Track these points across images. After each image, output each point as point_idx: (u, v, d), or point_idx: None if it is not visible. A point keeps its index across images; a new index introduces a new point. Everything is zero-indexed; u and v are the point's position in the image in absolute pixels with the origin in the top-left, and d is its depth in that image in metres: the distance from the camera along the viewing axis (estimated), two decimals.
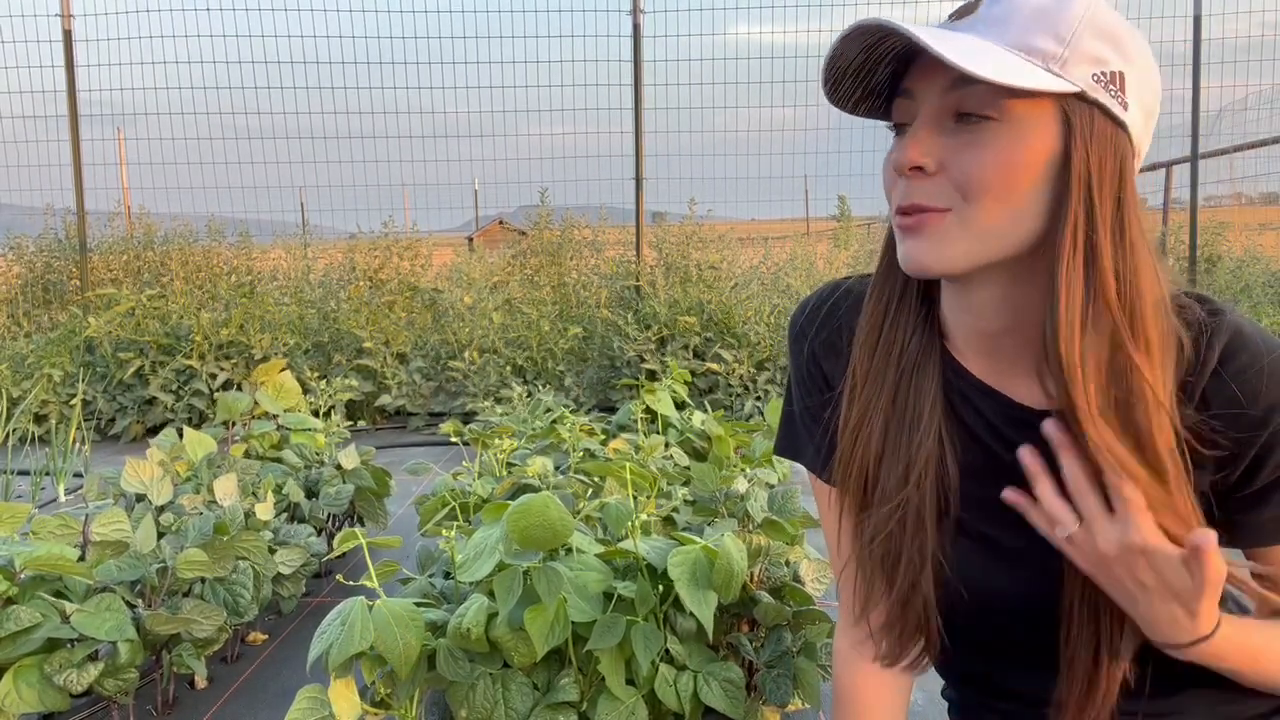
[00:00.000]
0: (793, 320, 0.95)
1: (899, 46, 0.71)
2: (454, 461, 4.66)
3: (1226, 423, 0.70)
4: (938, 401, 0.80)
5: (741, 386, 5.79)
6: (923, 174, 0.71)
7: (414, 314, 6.34)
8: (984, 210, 0.69)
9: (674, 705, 1.78)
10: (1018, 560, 0.78)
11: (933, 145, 0.71)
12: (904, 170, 0.72)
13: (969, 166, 0.69)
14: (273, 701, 2.31)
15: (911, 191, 0.72)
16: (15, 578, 1.92)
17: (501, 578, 1.67)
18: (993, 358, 0.80)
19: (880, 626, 0.86)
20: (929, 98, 0.71)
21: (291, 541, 2.58)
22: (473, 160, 7.30)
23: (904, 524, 0.79)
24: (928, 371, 0.81)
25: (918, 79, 0.72)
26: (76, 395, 5.32)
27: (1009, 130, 0.68)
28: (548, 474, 2.47)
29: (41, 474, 3.97)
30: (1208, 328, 0.71)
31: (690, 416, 3.14)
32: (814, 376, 0.92)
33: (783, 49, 7.85)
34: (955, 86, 0.69)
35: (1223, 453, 0.71)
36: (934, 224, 0.71)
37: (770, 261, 6.84)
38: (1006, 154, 0.68)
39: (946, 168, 0.70)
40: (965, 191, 0.69)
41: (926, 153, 0.70)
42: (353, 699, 1.57)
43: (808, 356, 0.92)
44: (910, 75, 0.73)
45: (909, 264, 0.73)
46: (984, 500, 0.79)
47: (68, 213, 6.68)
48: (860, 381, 0.84)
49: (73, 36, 6.46)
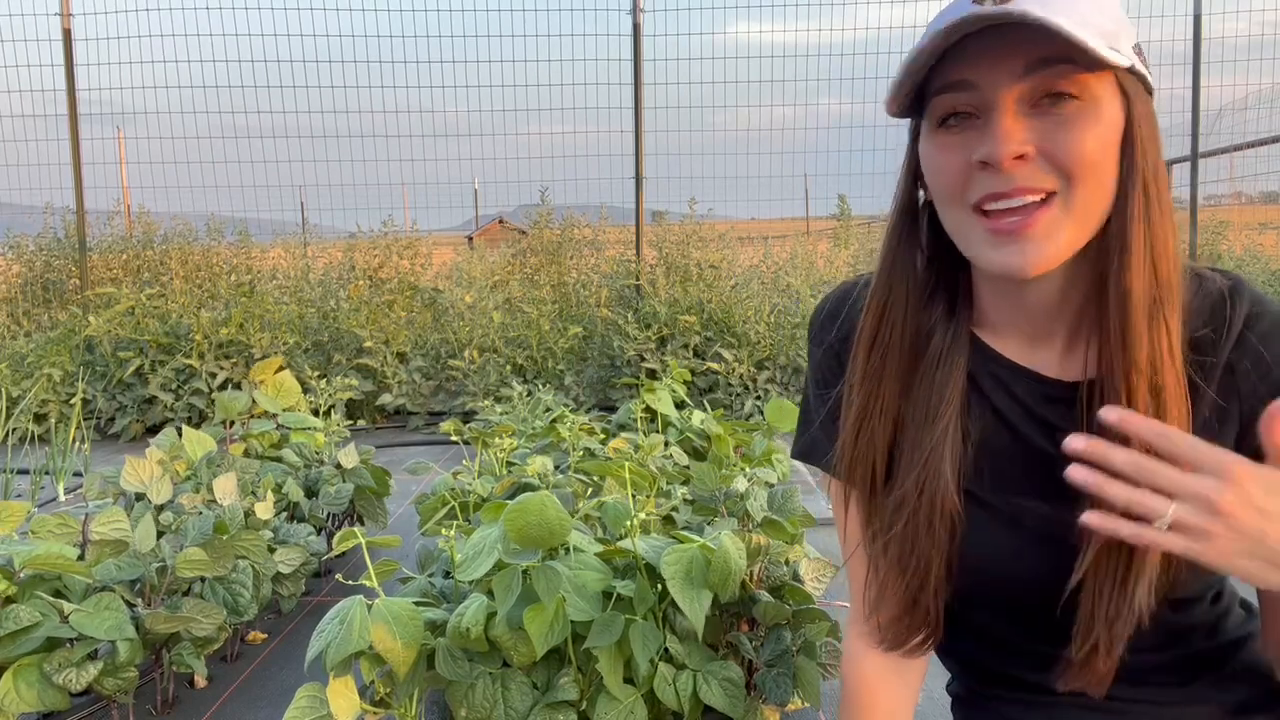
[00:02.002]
0: (811, 320, 0.95)
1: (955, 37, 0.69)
2: (454, 461, 4.66)
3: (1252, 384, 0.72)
4: (959, 394, 0.79)
5: (741, 386, 5.79)
6: (1021, 161, 0.70)
7: (414, 313, 6.34)
8: (1086, 190, 0.69)
9: (673, 704, 1.78)
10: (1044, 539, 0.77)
11: (1024, 131, 0.69)
12: (1004, 161, 0.69)
13: (1071, 146, 0.68)
14: (272, 700, 2.31)
15: (1012, 177, 0.69)
16: (15, 577, 1.92)
17: (500, 577, 1.67)
18: (1028, 335, 0.80)
19: (890, 620, 0.85)
20: (1000, 85, 0.69)
21: (291, 540, 2.58)
22: (473, 159, 7.31)
23: (918, 520, 0.79)
24: (953, 363, 0.80)
25: (981, 69, 0.70)
26: (76, 394, 5.32)
27: (1091, 107, 0.69)
28: (547, 473, 2.47)
29: (41, 473, 3.97)
30: (1229, 295, 0.74)
31: (690, 416, 3.14)
32: (834, 375, 0.91)
33: (782, 48, 7.84)
34: (1033, 70, 0.68)
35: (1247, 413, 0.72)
36: (1040, 220, 0.70)
37: (770, 261, 6.84)
38: (1096, 129, 0.69)
39: (1044, 152, 0.69)
40: (1070, 172, 0.69)
41: (1024, 140, 0.69)
42: (351, 698, 1.57)
43: (826, 355, 0.92)
44: (968, 66, 0.71)
45: (1019, 269, 0.71)
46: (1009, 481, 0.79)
47: (67, 212, 6.68)
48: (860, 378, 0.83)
49: (72, 35, 6.46)
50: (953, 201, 0.74)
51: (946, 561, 0.79)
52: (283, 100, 6.76)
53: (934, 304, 0.82)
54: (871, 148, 7.22)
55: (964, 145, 0.72)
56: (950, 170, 0.73)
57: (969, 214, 0.73)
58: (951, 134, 0.73)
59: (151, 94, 6.80)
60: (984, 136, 0.71)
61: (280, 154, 6.95)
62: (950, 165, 0.73)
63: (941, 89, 0.72)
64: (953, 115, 0.73)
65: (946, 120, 0.74)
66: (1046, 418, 0.77)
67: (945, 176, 0.74)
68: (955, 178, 0.73)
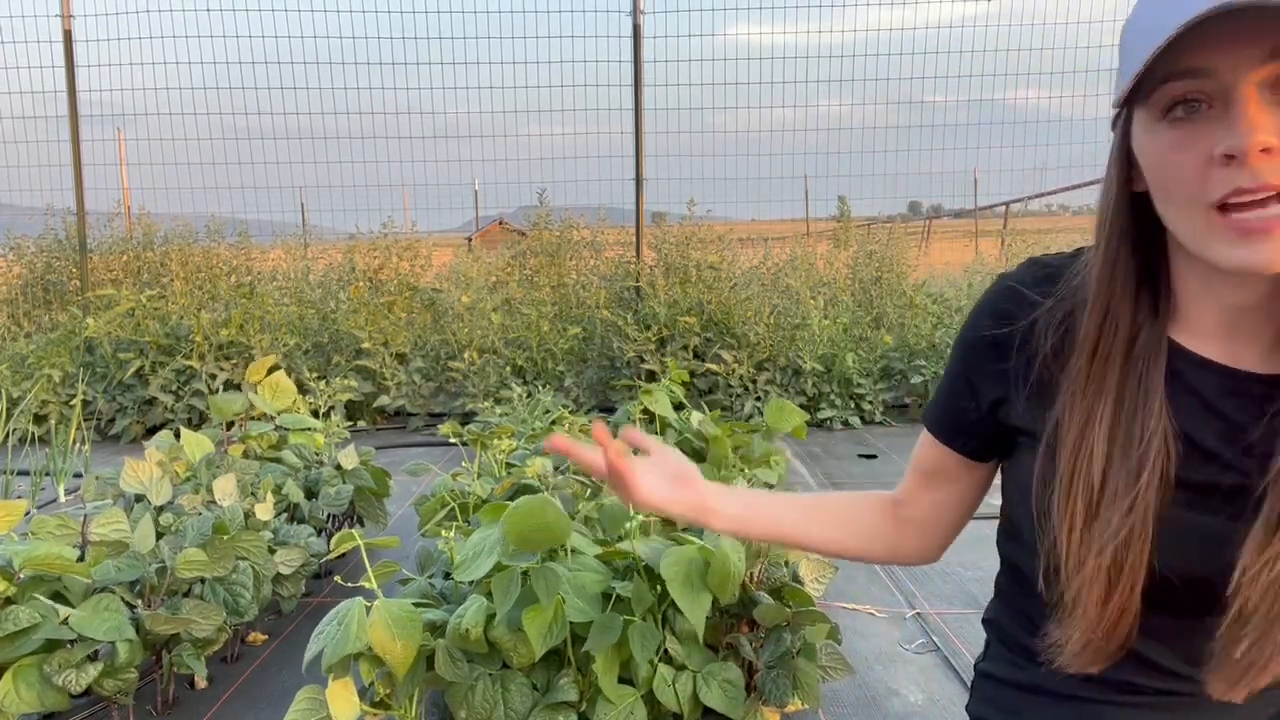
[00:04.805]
0: (976, 315, 0.89)
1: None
2: (453, 462, 4.66)
3: None
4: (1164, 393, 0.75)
5: (741, 387, 5.79)
6: (1266, 155, 0.64)
7: (413, 314, 6.35)
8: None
9: (673, 705, 1.78)
10: (1225, 542, 0.74)
11: (1270, 120, 0.64)
12: (1251, 153, 0.64)
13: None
14: (273, 701, 2.31)
15: (1260, 173, 0.64)
16: (15, 577, 1.92)
17: (499, 578, 1.67)
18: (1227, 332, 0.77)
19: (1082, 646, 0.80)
20: (1240, 72, 0.65)
21: (291, 541, 2.58)
22: (473, 160, 7.31)
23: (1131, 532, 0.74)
24: (1157, 362, 0.76)
25: (1220, 53, 0.65)
26: (76, 395, 5.32)
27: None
28: (547, 474, 2.47)
29: (41, 474, 3.97)
30: None
31: (688, 417, 3.14)
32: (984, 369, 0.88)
33: (782, 50, 7.86)
34: (1274, 55, 0.63)
35: None
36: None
37: (770, 262, 6.85)
38: None
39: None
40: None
41: (1272, 130, 0.64)
42: (351, 699, 1.57)
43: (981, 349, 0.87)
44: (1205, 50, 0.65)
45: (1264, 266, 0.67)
46: (1193, 482, 0.76)
47: (68, 213, 6.68)
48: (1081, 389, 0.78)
49: (73, 37, 6.47)
50: (1189, 200, 0.69)
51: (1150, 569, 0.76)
52: (283, 101, 6.77)
53: (1141, 300, 0.78)
54: (871, 149, 7.23)
55: (1200, 138, 0.67)
56: (1186, 166, 0.68)
57: (1207, 211, 0.68)
58: (1181, 127, 0.68)
59: (152, 95, 6.81)
60: (1224, 128, 0.66)
61: (280, 155, 6.97)
62: (1186, 161, 0.68)
63: (1171, 75, 0.67)
64: (1179, 105, 0.68)
65: (1172, 110, 0.68)
66: (1225, 411, 0.75)
67: (1180, 173, 0.68)
68: (1193, 174, 0.67)
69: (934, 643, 2.62)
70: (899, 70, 6.83)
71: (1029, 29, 6.91)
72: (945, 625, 2.75)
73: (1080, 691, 0.86)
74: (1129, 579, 0.75)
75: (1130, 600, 0.76)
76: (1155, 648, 0.81)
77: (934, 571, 3.13)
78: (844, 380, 5.94)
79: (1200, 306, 0.77)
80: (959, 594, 3.01)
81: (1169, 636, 0.79)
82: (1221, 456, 0.74)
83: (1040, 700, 0.90)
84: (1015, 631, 0.92)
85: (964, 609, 2.89)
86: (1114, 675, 0.83)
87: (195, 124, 6.99)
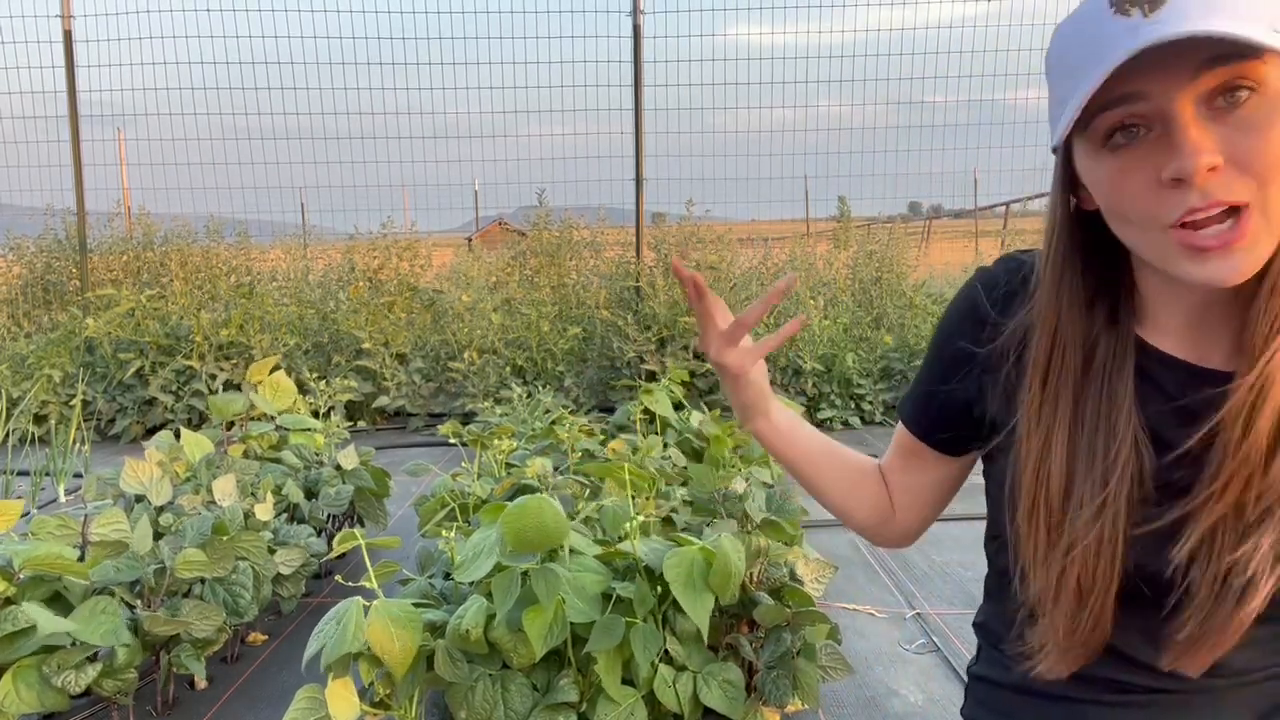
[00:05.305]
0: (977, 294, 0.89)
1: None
2: (454, 462, 4.66)
3: None
4: (1133, 398, 0.76)
5: None
6: (1213, 174, 0.66)
7: (413, 314, 6.35)
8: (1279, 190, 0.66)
9: (673, 706, 1.78)
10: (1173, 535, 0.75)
11: (1210, 138, 0.65)
12: (1198, 175, 0.65)
13: (1261, 149, 0.65)
14: (273, 702, 2.31)
15: (1209, 191, 0.65)
16: (14, 578, 1.92)
17: (499, 579, 1.67)
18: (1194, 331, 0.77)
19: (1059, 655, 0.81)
20: (1173, 91, 0.66)
21: (291, 542, 2.58)
22: (473, 161, 7.32)
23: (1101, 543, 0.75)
24: (1121, 367, 0.77)
25: (1149, 78, 0.66)
26: (76, 396, 5.32)
27: (1269, 99, 0.65)
28: (546, 475, 2.47)
29: (41, 474, 3.97)
30: None
31: (688, 417, 3.14)
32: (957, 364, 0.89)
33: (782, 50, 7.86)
34: (1203, 70, 0.65)
35: None
36: (1245, 233, 0.66)
37: (770, 262, 6.85)
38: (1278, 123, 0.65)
39: (1233, 159, 0.66)
40: (1264, 176, 0.66)
41: (1213, 149, 0.65)
42: (350, 699, 1.57)
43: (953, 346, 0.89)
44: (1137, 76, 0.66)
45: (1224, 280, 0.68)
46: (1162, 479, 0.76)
47: (68, 213, 6.69)
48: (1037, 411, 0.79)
49: (73, 37, 6.47)
50: (1144, 223, 0.70)
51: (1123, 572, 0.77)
52: (283, 102, 6.77)
53: (1097, 313, 0.79)
54: (871, 149, 7.23)
55: (1144, 164, 0.68)
56: (1137, 192, 0.69)
57: (1165, 231, 0.69)
58: (1123, 154, 0.69)
59: (152, 95, 6.81)
60: (1167, 151, 0.67)
61: (280, 155, 6.97)
62: (1136, 187, 0.69)
63: (1107, 104, 0.68)
64: (1118, 131, 0.69)
65: (1112, 138, 0.69)
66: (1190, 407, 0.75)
67: (1132, 200, 0.69)
68: (1144, 198, 0.69)
69: (934, 643, 2.62)
70: (899, 70, 6.83)
71: (1029, 29, 6.91)
72: (945, 625, 2.75)
73: (1071, 692, 0.87)
74: (1102, 584, 0.76)
75: (1104, 605, 0.77)
76: (1138, 645, 0.82)
77: (934, 572, 3.13)
78: (844, 380, 5.94)
79: (1166, 307, 0.79)
80: (959, 594, 3.01)
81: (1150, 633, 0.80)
82: (1181, 448, 0.75)
83: (1033, 701, 0.91)
84: (1003, 634, 0.93)
85: (964, 609, 2.89)
86: (1102, 674, 0.84)
87: (195, 124, 7.00)
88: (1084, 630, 0.79)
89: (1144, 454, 0.76)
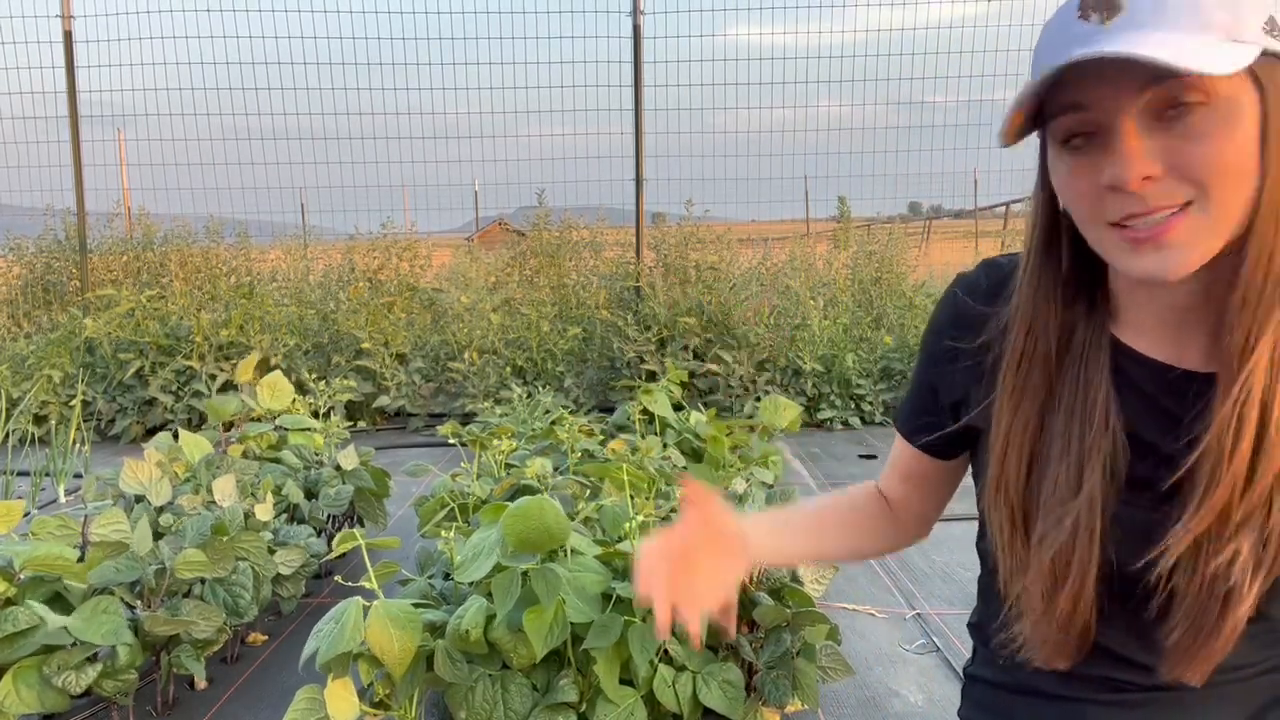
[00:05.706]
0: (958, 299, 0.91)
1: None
2: (454, 462, 4.66)
3: None
4: (1109, 389, 0.78)
5: (741, 387, 5.79)
6: (1150, 182, 0.68)
7: (413, 315, 6.35)
8: (1224, 194, 0.67)
9: (673, 706, 1.78)
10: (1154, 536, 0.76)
11: (1150, 150, 0.67)
12: (1131, 185, 0.68)
13: (1203, 160, 0.67)
14: (273, 702, 2.31)
15: (1145, 198, 0.68)
16: (15, 578, 1.92)
17: (499, 579, 1.67)
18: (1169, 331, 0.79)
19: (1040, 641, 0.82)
20: (1118, 105, 0.68)
21: (291, 542, 2.58)
22: (473, 161, 7.31)
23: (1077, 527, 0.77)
24: (1097, 360, 0.79)
25: (1097, 90, 0.69)
26: (76, 396, 5.32)
27: (1220, 111, 0.66)
28: (546, 475, 2.47)
29: (41, 474, 3.97)
30: None
31: (688, 417, 3.14)
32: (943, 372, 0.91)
33: (782, 50, 7.85)
34: (1150, 84, 0.66)
35: None
36: (1178, 228, 0.68)
37: (770, 262, 6.85)
38: (1227, 134, 0.66)
39: (1174, 169, 0.67)
40: (1204, 184, 0.67)
41: (1151, 160, 0.67)
42: (349, 699, 1.57)
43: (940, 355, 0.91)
44: (1083, 86, 0.69)
45: (1160, 276, 0.70)
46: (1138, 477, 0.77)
47: (68, 213, 6.69)
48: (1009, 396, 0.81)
49: (73, 37, 6.47)
50: (1090, 221, 0.73)
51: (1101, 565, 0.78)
52: (283, 102, 6.77)
53: (1076, 304, 0.81)
54: (871, 149, 7.23)
55: (1091, 169, 0.71)
56: (1082, 194, 0.72)
57: (1106, 229, 0.72)
58: (1078, 155, 0.72)
59: (152, 96, 6.81)
60: (1109, 160, 0.69)
61: (280, 156, 6.97)
62: (1081, 189, 0.72)
63: (1060, 110, 0.71)
64: (1076, 135, 0.72)
65: (1070, 140, 0.72)
66: (1167, 407, 0.77)
67: (1079, 200, 0.73)
68: (1089, 199, 0.72)
69: (934, 643, 2.62)
70: (899, 70, 6.83)
71: (1029, 29, 6.91)
72: (945, 626, 2.75)
73: (1067, 691, 0.87)
74: (1078, 571, 0.77)
75: (1082, 593, 0.78)
76: (1131, 646, 0.82)
77: (934, 572, 3.13)
78: (844, 381, 5.94)
79: (1138, 306, 0.80)
80: (959, 594, 3.01)
81: (1140, 634, 0.81)
82: (1163, 450, 0.76)
83: (1029, 701, 0.91)
84: (996, 633, 0.93)
85: (964, 609, 2.89)
86: (1095, 672, 0.84)
87: (195, 124, 6.99)
88: (1063, 615, 0.79)
89: (1119, 441, 0.77)
